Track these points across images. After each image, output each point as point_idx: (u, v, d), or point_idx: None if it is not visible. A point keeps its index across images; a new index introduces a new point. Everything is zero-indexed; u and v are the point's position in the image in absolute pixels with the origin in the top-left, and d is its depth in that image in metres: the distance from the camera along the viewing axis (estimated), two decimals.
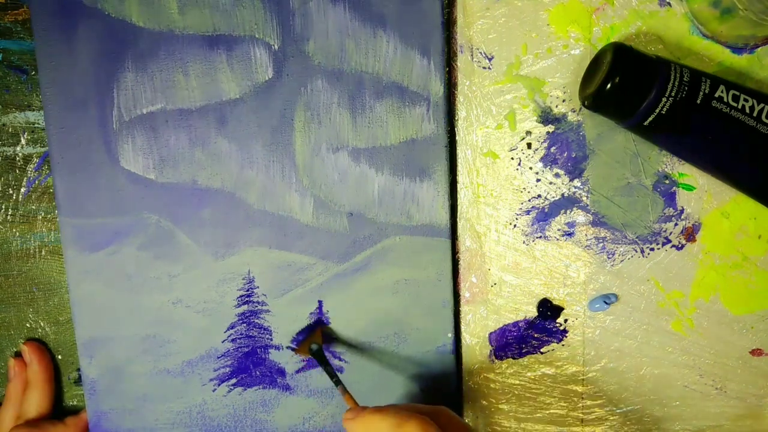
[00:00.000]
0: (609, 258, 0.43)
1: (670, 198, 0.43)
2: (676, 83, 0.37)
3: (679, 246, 0.43)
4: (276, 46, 0.41)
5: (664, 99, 0.37)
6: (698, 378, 0.45)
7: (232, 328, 0.43)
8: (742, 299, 0.44)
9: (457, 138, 0.43)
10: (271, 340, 0.44)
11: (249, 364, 0.44)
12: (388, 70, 0.41)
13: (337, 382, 0.39)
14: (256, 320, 0.43)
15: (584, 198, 0.43)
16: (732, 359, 0.45)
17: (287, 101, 0.41)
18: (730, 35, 0.40)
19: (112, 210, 0.42)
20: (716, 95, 0.37)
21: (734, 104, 0.37)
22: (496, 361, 0.45)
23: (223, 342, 0.43)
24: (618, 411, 0.45)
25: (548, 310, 0.44)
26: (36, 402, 0.44)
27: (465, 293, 0.44)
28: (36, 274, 0.45)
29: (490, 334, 0.45)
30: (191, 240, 0.42)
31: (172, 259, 0.42)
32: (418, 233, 0.42)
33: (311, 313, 0.43)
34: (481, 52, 0.42)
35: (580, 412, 0.45)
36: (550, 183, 0.43)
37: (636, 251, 0.43)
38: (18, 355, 0.45)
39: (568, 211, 0.43)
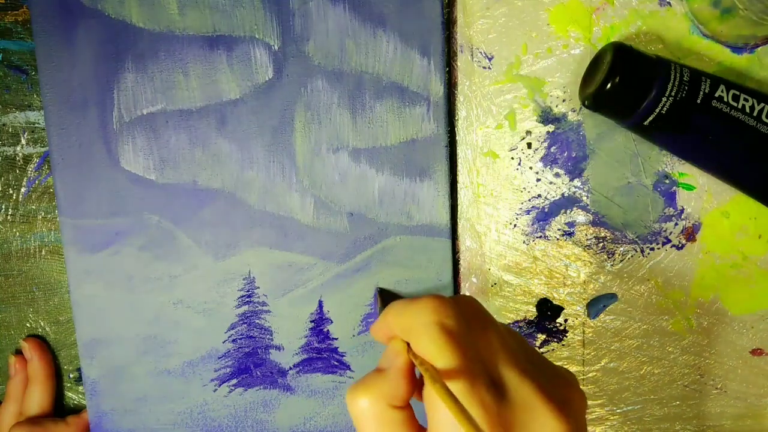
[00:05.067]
0: (609, 258, 0.44)
1: (670, 198, 0.43)
2: (676, 83, 0.37)
3: (679, 246, 0.43)
4: (276, 47, 0.41)
5: (664, 99, 0.37)
6: (698, 378, 0.45)
7: (232, 328, 0.43)
8: (742, 299, 0.44)
9: (457, 138, 0.43)
10: (272, 340, 0.44)
11: (250, 365, 0.44)
12: (388, 70, 0.41)
13: None
14: (256, 320, 0.43)
15: (584, 198, 0.43)
16: (732, 359, 0.45)
17: (287, 101, 0.41)
18: (730, 35, 0.40)
19: (112, 210, 0.42)
20: (716, 95, 0.37)
21: (734, 104, 0.37)
22: None
23: (223, 342, 0.43)
24: (618, 411, 0.45)
25: (548, 310, 0.44)
26: (37, 398, 0.44)
27: (465, 293, 0.44)
28: (36, 274, 0.45)
29: None
30: (192, 240, 0.42)
31: (172, 259, 0.42)
32: (418, 233, 0.42)
33: (312, 314, 0.43)
34: (481, 52, 0.42)
35: None
36: (550, 183, 0.43)
37: (636, 251, 0.43)
38: (18, 352, 0.45)
39: (568, 211, 0.43)
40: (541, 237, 0.43)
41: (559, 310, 0.44)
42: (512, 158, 0.43)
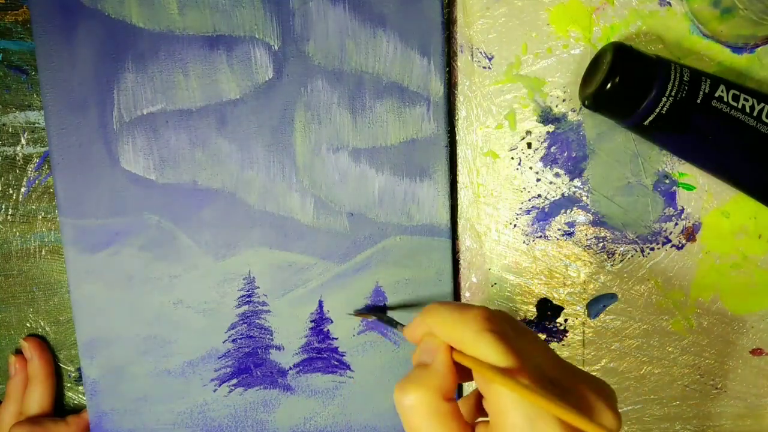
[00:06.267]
0: (609, 258, 0.44)
1: (670, 197, 0.43)
2: (676, 83, 0.37)
3: (679, 246, 0.43)
4: (276, 47, 0.41)
5: (664, 98, 0.37)
6: (698, 378, 0.45)
7: (232, 328, 0.43)
8: (742, 299, 0.44)
9: (457, 138, 0.43)
10: (272, 340, 0.44)
11: (250, 365, 0.44)
12: (388, 70, 0.41)
13: (396, 324, 0.38)
14: (256, 320, 0.43)
15: (584, 198, 0.43)
16: (732, 359, 0.45)
17: (287, 101, 0.41)
18: (730, 35, 0.40)
19: (112, 210, 0.42)
20: (716, 95, 0.37)
21: (734, 104, 0.37)
22: None
23: (223, 342, 0.43)
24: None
25: (548, 310, 0.44)
26: (37, 398, 0.44)
27: (465, 293, 0.44)
28: (36, 274, 0.45)
29: None
30: (192, 240, 0.42)
31: (172, 259, 0.42)
32: (418, 233, 0.42)
33: (312, 314, 0.43)
34: (481, 52, 0.42)
35: None
36: (550, 183, 0.43)
37: (636, 251, 0.43)
38: (18, 352, 0.45)
39: (568, 211, 0.43)
40: (541, 237, 0.43)
41: (559, 310, 0.44)
42: (512, 158, 0.43)
